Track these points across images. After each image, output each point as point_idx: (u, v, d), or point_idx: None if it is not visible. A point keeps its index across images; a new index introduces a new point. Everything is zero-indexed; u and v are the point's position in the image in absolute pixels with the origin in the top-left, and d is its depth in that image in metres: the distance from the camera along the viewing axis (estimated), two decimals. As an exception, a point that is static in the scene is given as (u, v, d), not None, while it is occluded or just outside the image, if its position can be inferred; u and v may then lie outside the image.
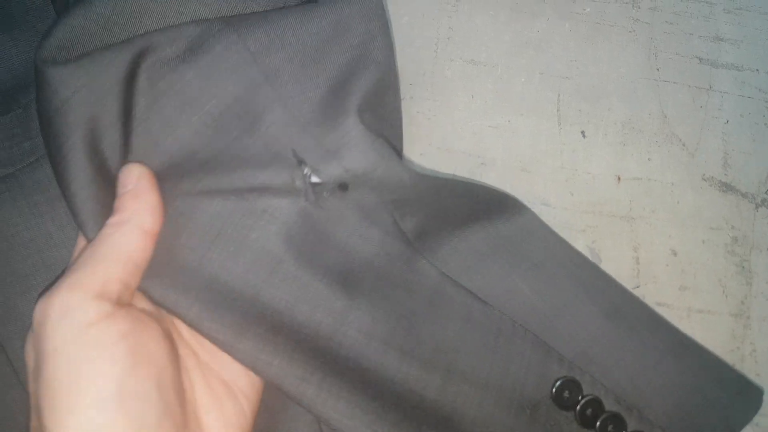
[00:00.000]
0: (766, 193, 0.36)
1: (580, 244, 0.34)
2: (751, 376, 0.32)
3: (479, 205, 0.32)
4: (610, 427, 0.28)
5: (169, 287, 0.23)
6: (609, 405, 0.28)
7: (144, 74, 0.25)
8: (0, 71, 0.28)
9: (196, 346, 0.25)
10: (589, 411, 0.28)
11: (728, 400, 0.29)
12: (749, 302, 0.34)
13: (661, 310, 0.32)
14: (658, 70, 0.38)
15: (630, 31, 0.39)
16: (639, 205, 0.35)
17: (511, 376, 0.27)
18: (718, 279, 0.35)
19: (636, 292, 0.32)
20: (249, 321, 0.24)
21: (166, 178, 0.25)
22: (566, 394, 0.28)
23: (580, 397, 0.28)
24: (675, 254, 0.35)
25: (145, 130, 0.25)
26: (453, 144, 0.36)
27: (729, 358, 0.34)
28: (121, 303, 0.22)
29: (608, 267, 0.33)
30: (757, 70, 0.39)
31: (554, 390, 0.28)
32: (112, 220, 0.23)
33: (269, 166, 0.26)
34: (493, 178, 0.35)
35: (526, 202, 0.33)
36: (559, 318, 0.29)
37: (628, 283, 0.32)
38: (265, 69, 0.27)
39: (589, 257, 0.33)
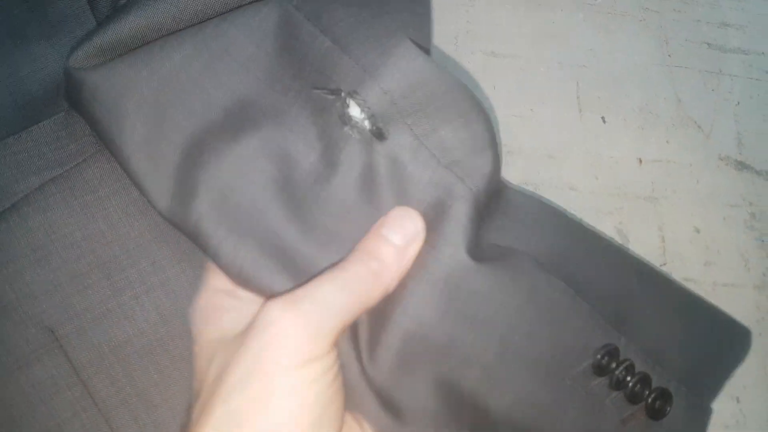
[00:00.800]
0: (779, 170, 0.38)
1: (608, 226, 0.36)
2: (779, 344, 0.34)
3: None
4: (637, 387, 0.28)
5: None
6: (639, 366, 0.29)
7: (189, 41, 0.25)
8: (41, 76, 0.29)
9: None
10: (622, 374, 0.28)
11: (726, 344, 0.30)
12: (771, 275, 0.36)
13: (688, 286, 0.34)
14: (669, 56, 0.39)
15: (641, 20, 0.40)
16: (661, 186, 0.37)
17: (559, 347, 0.27)
18: (740, 254, 0.36)
19: (663, 270, 0.34)
20: None
21: (220, 131, 0.25)
22: (605, 360, 0.28)
23: (615, 364, 0.28)
24: (698, 232, 0.36)
25: (198, 88, 0.25)
26: (480, 134, 0.36)
27: (755, 329, 0.35)
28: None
29: (636, 247, 0.34)
30: (763, 53, 0.40)
31: (598, 358, 0.28)
32: (375, 266, 0.22)
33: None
34: (521, 165, 0.36)
35: (553, 188, 0.34)
36: (594, 280, 0.29)
37: (655, 261, 0.34)
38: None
39: (618, 239, 0.34)
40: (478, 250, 0.26)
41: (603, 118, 0.38)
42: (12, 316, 0.26)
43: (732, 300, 0.35)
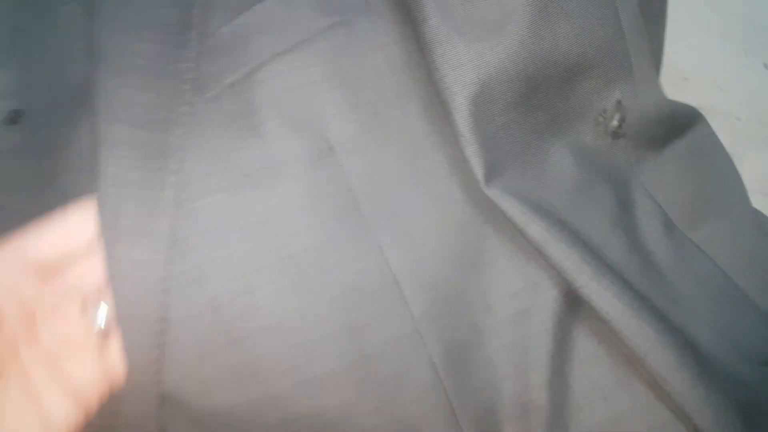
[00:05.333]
0: None
1: None
2: None
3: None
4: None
5: None
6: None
7: None
8: None
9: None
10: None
11: None
12: None
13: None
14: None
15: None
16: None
17: (740, 335, 0.31)
18: None
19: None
20: None
21: None
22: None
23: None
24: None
25: None
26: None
27: None
28: None
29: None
30: None
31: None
32: None
33: None
34: (694, 91, 0.40)
35: (722, 116, 0.38)
36: None
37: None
38: None
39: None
40: None
41: (765, 64, 0.42)
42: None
43: None
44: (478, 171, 0.30)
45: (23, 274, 0.25)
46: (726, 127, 0.40)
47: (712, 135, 0.37)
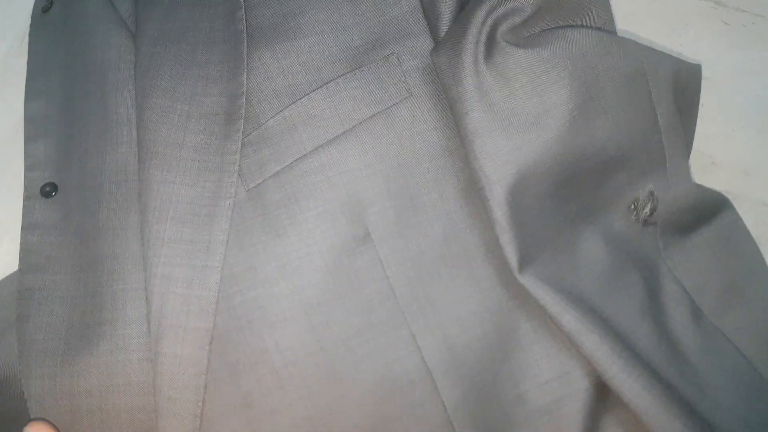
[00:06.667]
0: None
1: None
2: None
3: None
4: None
5: None
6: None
7: None
8: (363, 27, 0.34)
9: None
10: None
11: None
12: None
13: None
14: None
15: None
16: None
17: (765, 426, 0.32)
18: None
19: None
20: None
21: None
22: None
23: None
24: None
25: None
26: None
27: None
28: None
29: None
30: None
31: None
32: None
33: None
34: (722, 177, 0.41)
35: (749, 202, 0.38)
36: None
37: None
38: None
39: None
40: None
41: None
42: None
43: None
44: (512, 258, 0.30)
45: None
46: (754, 212, 0.40)
47: (739, 221, 0.37)
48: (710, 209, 0.37)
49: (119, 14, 0.30)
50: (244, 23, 0.30)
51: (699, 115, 0.42)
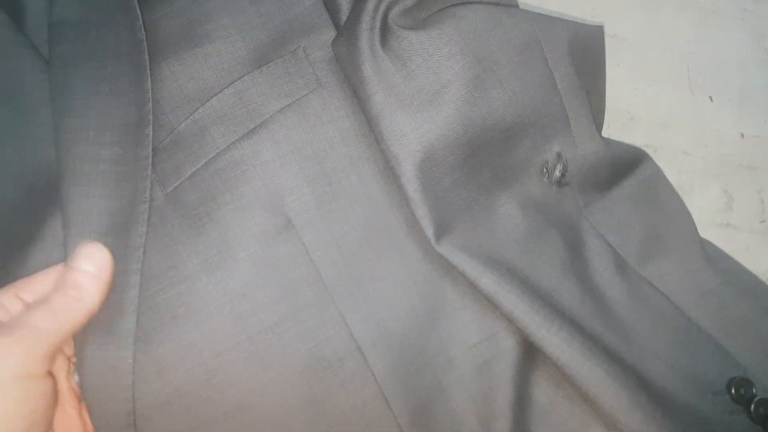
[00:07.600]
0: None
1: (716, 188, 0.41)
2: None
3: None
4: (761, 410, 0.32)
5: None
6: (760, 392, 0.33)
7: None
8: (270, 26, 0.35)
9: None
10: (761, 409, 0.31)
11: None
12: None
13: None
14: (766, 50, 0.45)
15: (741, 18, 0.46)
16: (760, 157, 0.42)
17: (694, 366, 0.32)
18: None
19: (763, 226, 0.39)
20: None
21: None
22: (741, 391, 0.32)
23: (753, 396, 0.32)
24: (792, 198, 0.42)
25: None
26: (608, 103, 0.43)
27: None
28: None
29: (739, 207, 0.40)
30: None
31: (730, 386, 0.32)
32: (75, 293, 0.26)
33: None
34: (642, 131, 0.42)
35: (669, 152, 0.39)
36: (735, 330, 0.34)
37: (756, 219, 0.39)
38: None
39: (724, 198, 0.40)
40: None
41: (711, 97, 0.44)
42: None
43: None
44: (429, 230, 0.31)
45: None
46: (675, 162, 0.42)
47: (658, 172, 0.38)
48: (628, 164, 0.38)
49: (30, 40, 0.32)
50: (143, 32, 0.31)
51: (615, 74, 0.43)
